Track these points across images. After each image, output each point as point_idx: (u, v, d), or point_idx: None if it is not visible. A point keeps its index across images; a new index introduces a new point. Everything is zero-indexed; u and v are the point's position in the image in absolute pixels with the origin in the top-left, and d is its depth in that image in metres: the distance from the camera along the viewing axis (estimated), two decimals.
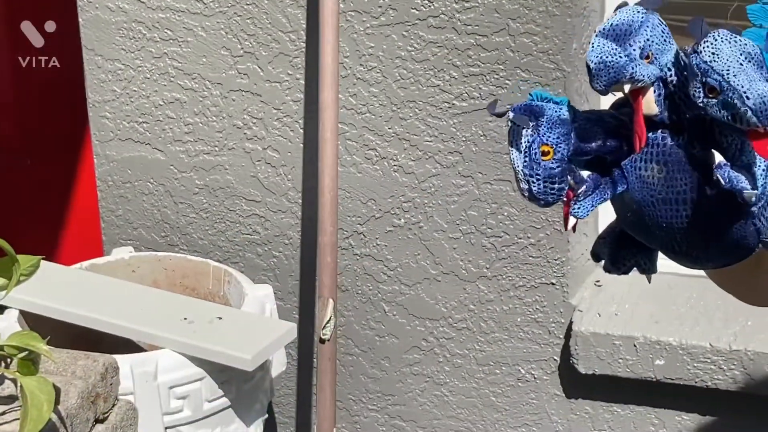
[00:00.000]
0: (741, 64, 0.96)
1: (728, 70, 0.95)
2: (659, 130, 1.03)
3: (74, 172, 2.96)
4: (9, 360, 1.45)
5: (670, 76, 1.03)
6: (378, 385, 2.57)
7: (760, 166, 0.99)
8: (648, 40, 1.03)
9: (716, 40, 0.98)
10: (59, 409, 1.45)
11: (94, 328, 2.11)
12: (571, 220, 1.08)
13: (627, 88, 1.02)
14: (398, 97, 2.36)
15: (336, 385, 2.30)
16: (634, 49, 1.02)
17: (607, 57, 1.00)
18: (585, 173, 1.09)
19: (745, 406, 2.27)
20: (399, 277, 2.48)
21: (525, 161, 1.06)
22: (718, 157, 1.03)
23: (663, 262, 2.47)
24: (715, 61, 0.97)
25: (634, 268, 1.19)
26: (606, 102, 1.16)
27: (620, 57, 1.01)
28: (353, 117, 2.40)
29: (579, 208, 1.07)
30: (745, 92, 0.94)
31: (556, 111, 1.07)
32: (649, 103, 1.03)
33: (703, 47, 0.98)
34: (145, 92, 2.53)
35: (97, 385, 1.55)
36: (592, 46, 1.01)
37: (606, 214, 2.44)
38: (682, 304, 2.36)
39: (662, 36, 1.04)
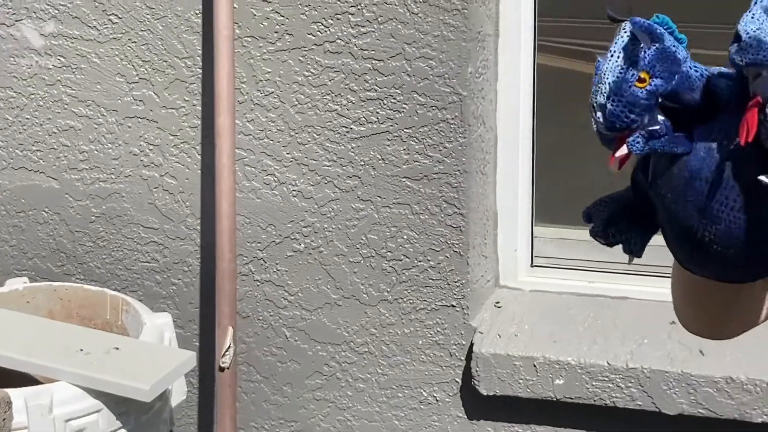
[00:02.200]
0: None
1: None
2: None
3: None
4: None
5: None
6: (280, 411, 2.55)
7: None
8: None
9: None
10: None
11: None
12: (623, 149, 0.99)
13: (764, 74, 0.93)
14: (296, 122, 2.35)
15: (236, 413, 2.28)
16: None
17: (763, 35, 0.91)
18: (661, 117, 1.00)
19: (642, 423, 2.29)
20: (300, 302, 2.47)
21: (617, 77, 0.98)
22: None
23: (562, 281, 2.48)
24: None
25: (620, 245, 1.11)
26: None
27: None
28: (251, 142, 2.39)
29: (638, 142, 0.98)
30: None
31: (673, 45, 0.99)
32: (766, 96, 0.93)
33: None
34: (39, 120, 2.49)
35: None
36: (751, 17, 0.92)
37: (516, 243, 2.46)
38: (580, 324, 2.38)
39: None
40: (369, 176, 2.35)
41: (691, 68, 1.00)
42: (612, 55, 1.00)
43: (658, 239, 1.11)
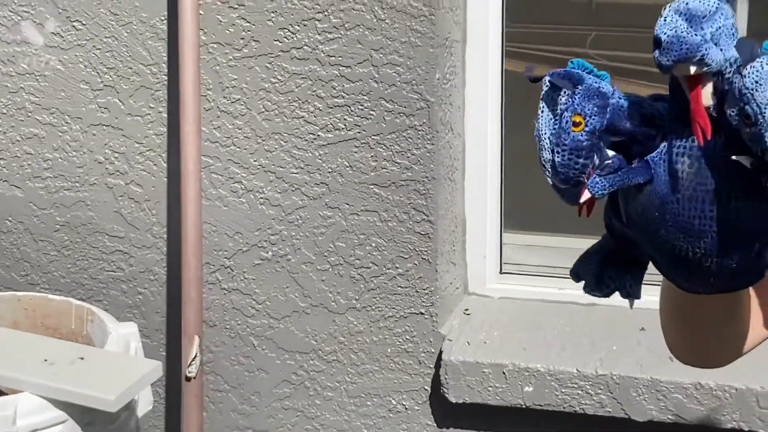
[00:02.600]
0: None
1: (767, 104, 0.90)
2: None
3: None
4: None
5: (728, 73, 0.96)
6: (248, 421, 2.53)
7: None
8: (719, 29, 0.95)
9: (763, 68, 0.91)
10: None
11: None
12: (585, 194, 0.99)
13: (692, 69, 0.94)
14: (263, 129, 2.34)
15: (203, 422, 2.27)
16: (705, 34, 0.95)
17: (681, 32, 0.93)
18: (610, 153, 1.01)
19: (612, 430, 2.29)
20: (267, 310, 2.45)
21: (554, 129, 0.99)
22: None
23: (531, 288, 2.48)
24: (756, 90, 0.91)
25: (616, 292, 1.11)
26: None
27: (695, 35, 0.94)
28: (218, 150, 2.37)
29: (597, 183, 0.99)
30: None
31: (595, 82, 1.00)
32: (706, 95, 0.95)
33: (749, 71, 0.92)
34: (2, 128, 2.47)
35: None
36: (665, 20, 0.94)
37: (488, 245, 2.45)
38: (550, 331, 2.37)
39: (731, 29, 0.96)
40: (337, 183, 2.33)
41: (620, 99, 1.01)
42: (542, 111, 1.01)
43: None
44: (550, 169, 1.01)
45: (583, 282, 1.12)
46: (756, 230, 0.97)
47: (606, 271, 1.10)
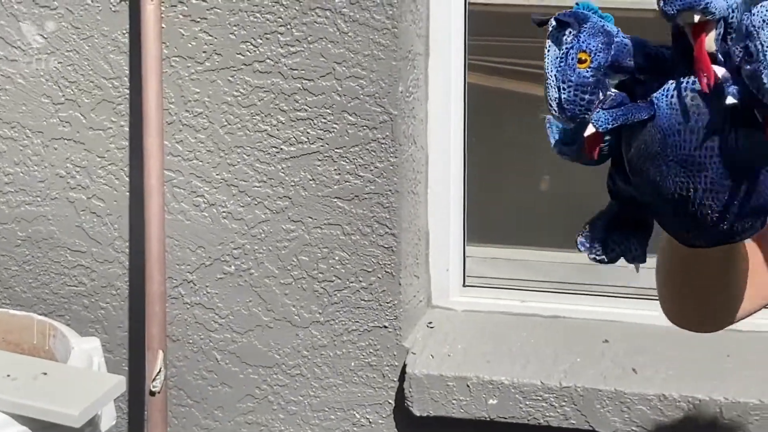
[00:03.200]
0: None
1: None
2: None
3: None
4: None
5: (731, 18, 0.97)
6: None
7: None
8: None
9: None
10: None
11: None
12: (590, 128, 1.01)
13: (696, 18, 0.96)
14: (225, 142, 2.33)
15: None
16: None
17: None
18: (615, 91, 1.03)
19: None
20: (231, 324, 2.44)
21: (560, 67, 1.00)
22: None
23: (495, 301, 2.48)
24: (762, 29, 0.93)
25: (622, 258, 1.11)
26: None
27: None
28: (180, 164, 2.36)
29: (601, 117, 1.00)
30: None
31: (599, 21, 1.02)
32: (709, 41, 0.97)
33: (758, 10, 0.94)
34: None
35: None
36: None
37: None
38: (514, 343, 2.38)
39: None
40: (300, 197, 2.33)
41: (624, 38, 1.03)
42: (548, 50, 1.02)
43: (582, 258, 1.11)
44: (556, 107, 1.01)
45: (588, 249, 1.11)
46: (754, 166, 0.98)
47: (611, 236, 1.10)
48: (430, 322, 2.46)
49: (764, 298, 1.20)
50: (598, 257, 1.11)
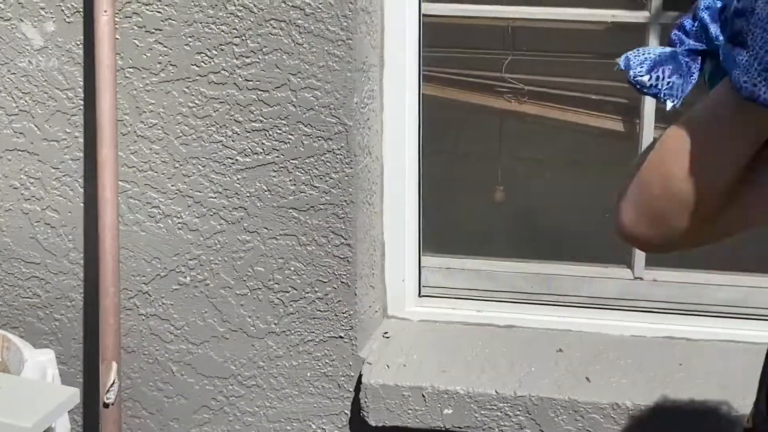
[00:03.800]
0: None
1: None
2: None
3: None
4: None
5: None
6: None
7: None
8: None
9: None
10: None
11: None
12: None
13: None
14: (180, 153, 2.33)
15: None
16: None
17: None
18: None
19: None
20: (186, 336, 2.44)
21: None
22: None
23: (450, 311, 2.48)
24: None
25: (658, 92, 1.07)
26: None
27: None
28: (135, 175, 2.36)
29: None
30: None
31: None
32: None
33: None
34: None
35: None
36: None
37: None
38: (469, 353, 2.39)
39: None
40: (255, 208, 2.33)
41: None
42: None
43: (537, 268, 1.12)
44: None
45: (630, 70, 1.07)
46: None
47: (658, 68, 1.07)
48: (386, 333, 2.46)
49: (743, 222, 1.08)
50: (636, 82, 1.06)
